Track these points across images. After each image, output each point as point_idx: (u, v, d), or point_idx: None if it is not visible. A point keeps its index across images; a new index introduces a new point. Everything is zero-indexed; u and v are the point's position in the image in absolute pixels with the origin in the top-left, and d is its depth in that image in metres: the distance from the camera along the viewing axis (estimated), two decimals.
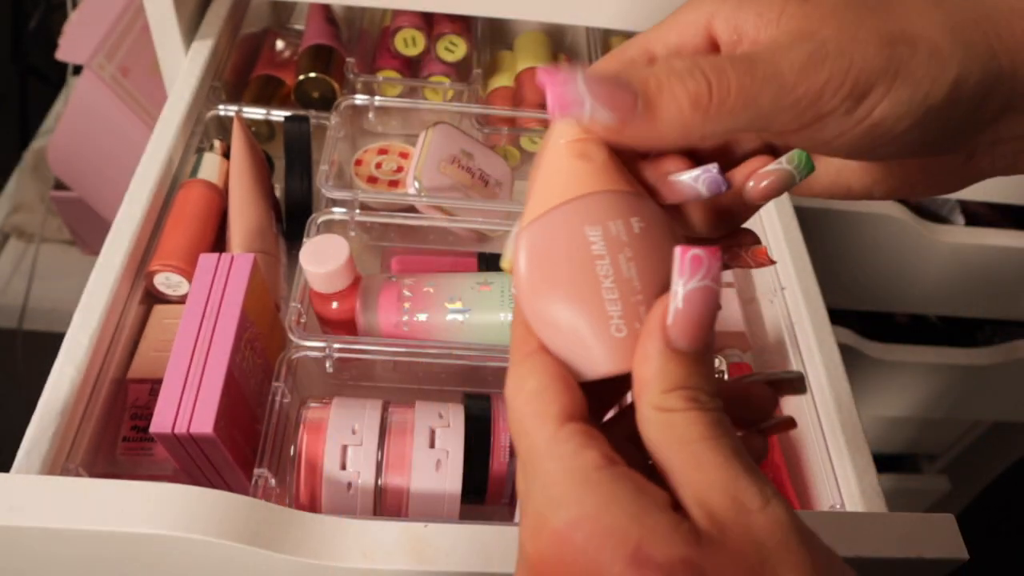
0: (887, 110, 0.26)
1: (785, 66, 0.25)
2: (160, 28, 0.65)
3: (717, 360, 0.59)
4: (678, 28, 0.29)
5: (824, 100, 0.26)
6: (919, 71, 0.26)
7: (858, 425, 0.51)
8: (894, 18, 0.26)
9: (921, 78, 0.26)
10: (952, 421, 1.27)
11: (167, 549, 0.40)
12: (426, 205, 0.61)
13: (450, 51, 0.74)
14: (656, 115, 0.25)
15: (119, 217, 0.54)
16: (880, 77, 0.26)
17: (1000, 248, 0.86)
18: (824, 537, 0.42)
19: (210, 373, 0.45)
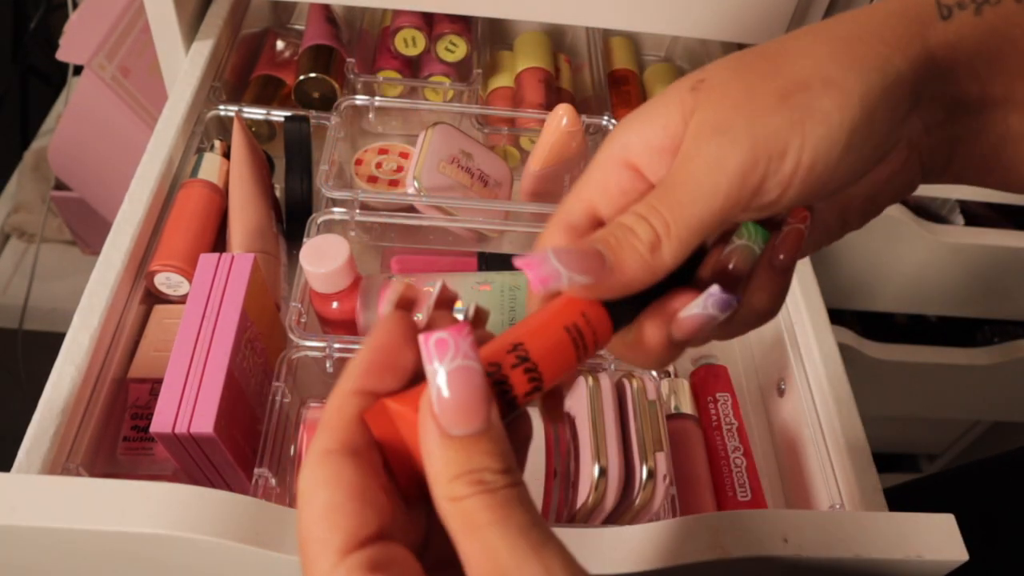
0: (813, 154, 0.27)
1: (701, 176, 0.27)
2: (160, 28, 0.65)
3: None
4: (603, 171, 0.31)
5: (751, 182, 0.27)
6: (826, 108, 0.27)
7: (858, 425, 0.51)
8: (783, 72, 0.27)
9: (828, 110, 0.27)
10: (952, 421, 1.27)
11: (167, 549, 0.40)
12: (426, 205, 0.61)
13: (450, 51, 0.74)
14: (624, 267, 0.28)
15: (119, 217, 0.54)
16: (790, 132, 0.27)
17: (1000, 248, 0.86)
18: (824, 537, 0.42)
19: (210, 373, 0.45)
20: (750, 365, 0.64)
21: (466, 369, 0.24)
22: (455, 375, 0.23)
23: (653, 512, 0.47)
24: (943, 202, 0.91)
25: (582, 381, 0.49)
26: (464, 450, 0.23)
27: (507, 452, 0.24)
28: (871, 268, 0.89)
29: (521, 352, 0.27)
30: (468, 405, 0.23)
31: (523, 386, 0.27)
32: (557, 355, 0.28)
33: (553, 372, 0.27)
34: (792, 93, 0.27)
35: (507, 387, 0.26)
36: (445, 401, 0.23)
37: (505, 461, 0.24)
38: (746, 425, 0.58)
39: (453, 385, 0.23)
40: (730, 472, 0.54)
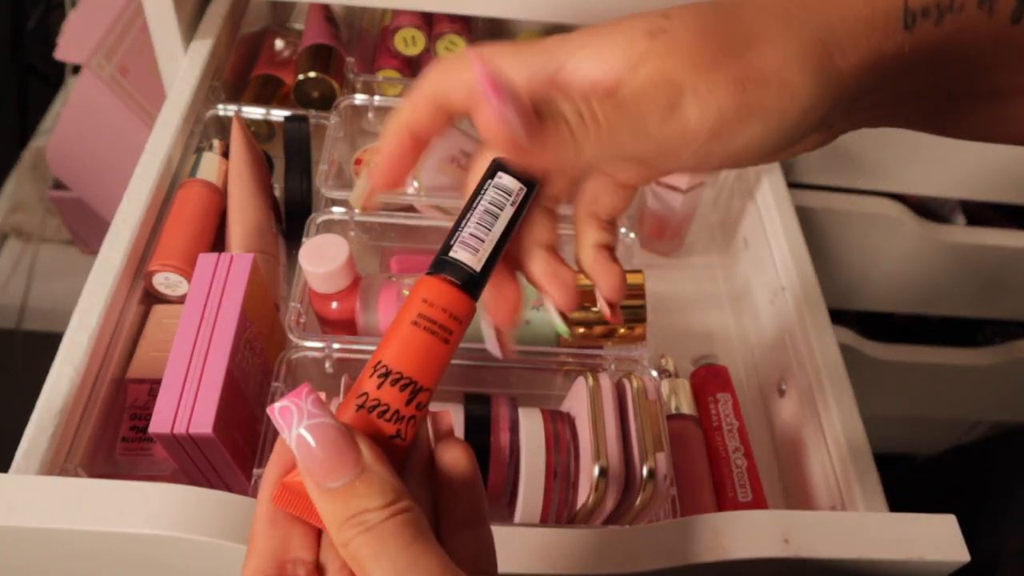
0: (742, 143, 0.28)
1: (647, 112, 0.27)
2: (159, 27, 0.65)
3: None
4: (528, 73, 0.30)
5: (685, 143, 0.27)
6: (772, 107, 0.27)
7: (859, 425, 0.51)
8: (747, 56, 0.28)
9: (773, 112, 0.27)
10: (952, 421, 1.27)
11: (166, 549, 0.40)
12: (426, 205, 0.61)
13: (450, 51, 0.74)
14: (547, 134, 0.27)
15: (118, 217, 0.54)
16: (734, 117, 0.27)
17: (1000, 248, 0.86)
18: (825, 538, 0.42)
19: (209, 373, 0.45)
20: (750, 365, 0.64)
21: (315, 427, 0.25)
22: (303, 439, 0.25)
23: (653, 513, 0.47)
24: (944, 202, 0.91)
25: (582, 381, 0.49)
26: (342, 499, 0.25)
27: (388, 486, 0.25)
28: (872, 268, 0.89)
29: (381, 369, 0.28)
30: (330, 459, 0.25)
31: (399, 398, 0.27)
32: (417, 351, 0.28)
33: (422, 368, 0.28)
34: (752, 83, 0.27)
35: (382, 407, 0.27)
36: (308, 462, 0.25)
37: (384, 496, 0.25)
38: (746, 425, 0.58)
39: (306, 449, 0.25)
40: (730, 472, 0.54)
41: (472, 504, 0.29)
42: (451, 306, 0.28)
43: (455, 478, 0.29)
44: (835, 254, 0.87)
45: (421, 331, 0.28)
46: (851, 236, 0.85)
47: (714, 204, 0.73)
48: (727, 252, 0.71)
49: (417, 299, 0.28)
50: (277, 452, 0.28)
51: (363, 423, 0.27)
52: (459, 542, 0.28)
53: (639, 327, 0.54)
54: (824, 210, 0.81)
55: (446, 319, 0.28)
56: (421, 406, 0.28)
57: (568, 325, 0.34)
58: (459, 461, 0.29)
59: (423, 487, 0.28)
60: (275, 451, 0.28)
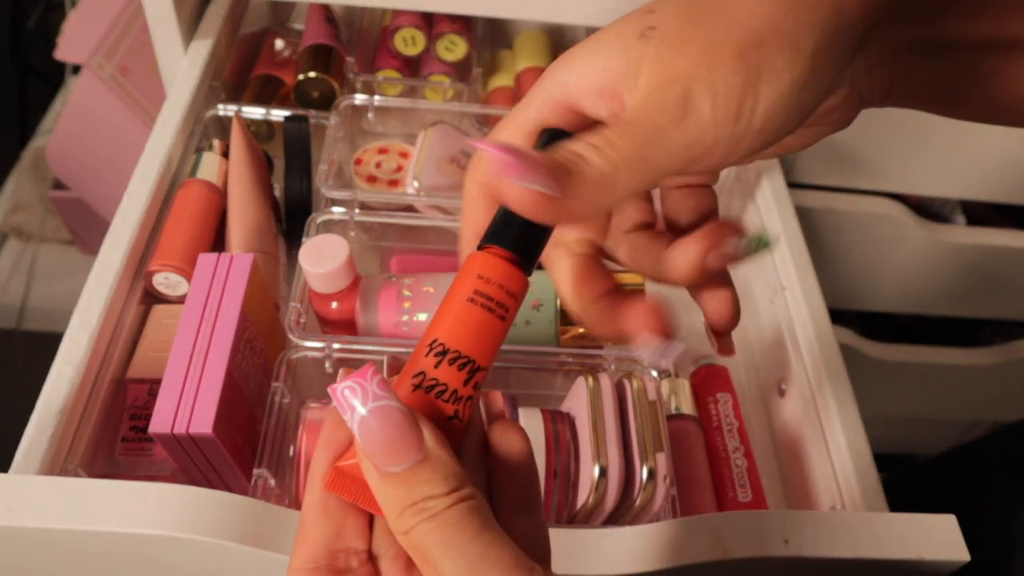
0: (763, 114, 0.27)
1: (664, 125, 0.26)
2: (159, 27, 0.65)
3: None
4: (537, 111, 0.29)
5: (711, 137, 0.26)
6: (778, 66, 0.26)
7: (859, 425, 0.51)
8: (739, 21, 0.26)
9: (782, 70, 0.26)
10: (952, 421, 1.27)
11: (166, 549, 0.40)
12: (426, 205, 0.61)
13: (450, 51, 0.74)
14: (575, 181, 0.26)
15: (118, 217, 0.54)
16: (745, 91, 0.26)
17: (1000, 248, 0.86)
18: (825, 538, 0.42)
19: (209, 373, 0.45)
20: (750, 365, 0.64)
21: (380, 409, 0.24)
22: (370, 419, 0.24)
23: (653, 512, 0.47)
24: (944, 202, 0.91)
25: (582, 381, 0.49)
26: (404, 484, 0.24)
27: (450, 472, 0.25)
28: (871, 268, 0.89)
29: (437, 348, 0.27)
30: (393, 443, 0.24)
31: (457, 377, 0.27)
32: (474, 329, 0.27)
33: (479, 346, 0.27)
34: (749, 49, 0.26)
35: (440, 387, 0.26)
36: (370, 445, 0.24)
37: (448, 483, 0.24)
38: (746, 425, 0.58)
39: (372, 429, 0.24)
40: (730, 472, 0.54)
41: (527, 487, 0.28)
42: (507, 282, 0.28)
43: (511, 461, 0.28)
44: (835, 254, 0.87)
45: (478, 308, 0.27)
46: (851, 236, 0.85)
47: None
48: None
49: (472, 275, 0.27)
50: (327, 437, 0.27)
51: (421, 403, 0.26)
52: (515, 526, 0.27)
53: None
54: (824, 210, 0.81)
55: (503, 295, 0.27)
56: (478, 386, 0.27)
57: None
58: (515, 444, 0.28)
59: (478, 471, 0.28)
60: (324, 436, 0.27)
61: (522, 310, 0.54)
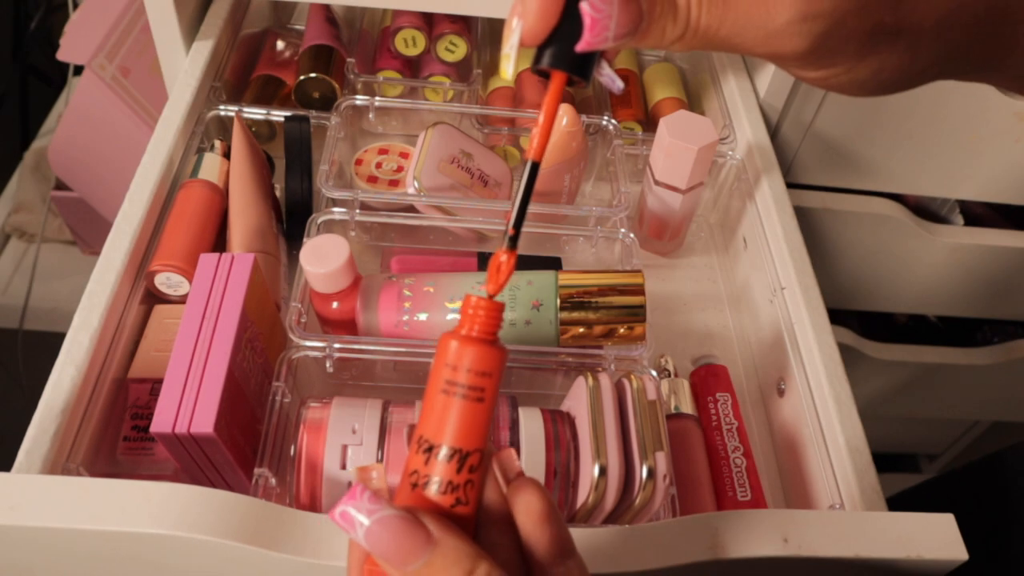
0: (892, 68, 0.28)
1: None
2: (160, 28, 0.65)
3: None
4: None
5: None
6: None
7: (858, 425, 0.51)
8: None
9: None
10: (952, 421, 1.27)
11: (168, 549, 0.40)
12: (426, 205, 0.61)
13: (450, 51, 0.74)
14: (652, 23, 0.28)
15: (120, 217, 0.54)
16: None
17: (999, 248, 0.86)
18: (824, 537, 0.42)
19: (210, 373, 0.45)
20: (750, 365, 0.64)
21: (378, 523, 0.26)
22: (372, 533, 0.26)
23: (653, 512, 0.47)
24: (943, 202, 0.91)
25: (582, 381, 0.49)
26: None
27: (463, 554, 0.26)
28: (871, 268, 0.89)
29: (425, 444, 0.27)
30: (402, 545, 0.26)
31: (448, 468, 0.27)
32: (452, 419, 0.27)
33: (463, 434, 0.27)
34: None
35: (436, 481, 0.27)
36: (383, 553, 0.26)
37: (464, 565, 0.26)
38: (746, 425, 0.58)
39: (377, 541, 0.26)
40: (730, 472, 0.54)
41: (556, 539, 0.28)
42: (478, 364, 0.28)
43: (532, 520, 0.28)
44: (834, 254, 0.87)
45: (452, 398, 0.27)
46: (850, 236, 0.85)
47: (714, 204, 0.73)
48: (726, 252, 0.71)
49: (441, 363, 0.28)
50: (351, 550, 0.29)
51: (422, 501, 0.27)
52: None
53: (639, 327, 0.55)
54: (823, 210, 0.81)
55: (475, 379, 0.28)
56: (474, 468, 0.28)
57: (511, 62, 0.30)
58: (532, 503, 0.29)
59: (504, 533, 0.28)
60: (350, 548, 0.29)
61: (522, 310, 0.54)
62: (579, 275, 0.55)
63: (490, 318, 0.28)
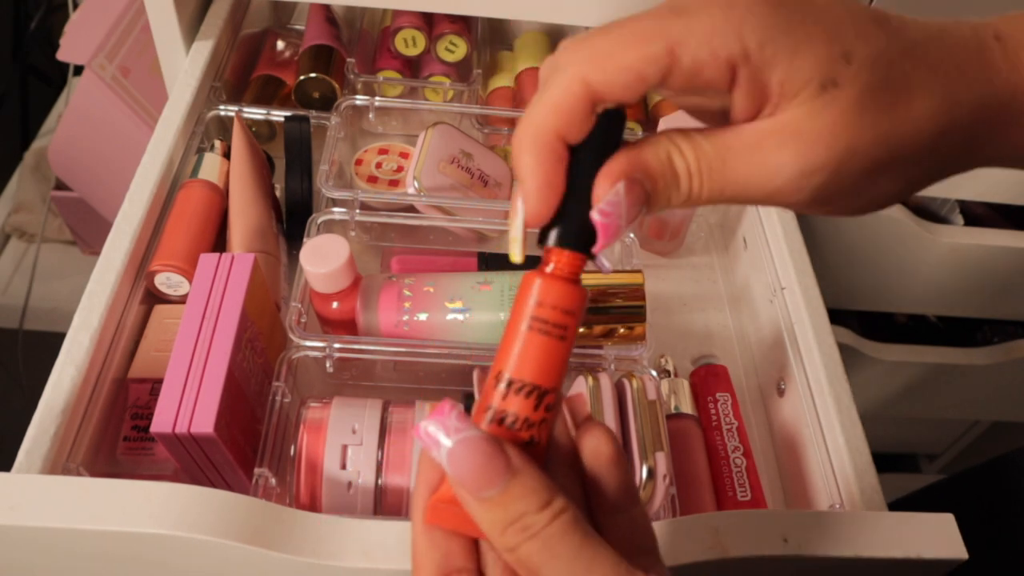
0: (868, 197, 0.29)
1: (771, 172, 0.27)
2: (161, 28, 0.65)
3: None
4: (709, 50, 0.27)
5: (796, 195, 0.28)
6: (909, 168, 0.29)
7: (858, 425, 0.51)
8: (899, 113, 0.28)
9: (908, 170, 0.29)
10: (952, 421, 1.27)
11: (168, 548, 0.40)
12: (426, 205, 0.61)
13: (450, 51, 0.74)
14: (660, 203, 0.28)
15: (120, 217, 0.54)
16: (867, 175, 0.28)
17: (999, 248, 0.86)
18: (824, 537, 0.42)
19: (210, 373, 0.45)
20: (750, 365, 0.64)
21: (463, 442, 0.26)
22: (456, 452, 0.25)
23: (653, 512, 0.47)
24: (943, 202, 0.91)
25: (582, 381, 0.49)
26: (500, 506, 0.25)
27: (540, 486, 0.26)
28: (871, 268, 0.89)
29: (503, 380, 0.27)
30: (482, 470, 0.25)
31: (526, 405, 0.27)
32: (534, 355, 0.27)
33: (544, 371, 0.27)
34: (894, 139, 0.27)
35: (511, 418, 0.27)
36: (460, 475, 0.25)
37: (541, 496, 0.25)
38: (746, 425, 0.58)
39: (460, 461, 0.25)
40: (730, 472, 0.54)
41: (620, 486, 0.28)
42: (563, 301, 0.28)
43: (600, 463, 0.28)
44: (835, 254, 0.87)
45: (536, 334, 0.27)
46: (850, 236, 0.85)
47: (714, 204, 0.73)
48: (726, 252, 0.71)
49: (526, 300, 0.28)
50: (421, 473, 0.28)
51: (497, 434, 0.27)
52: (615, 526, 0.28)
53: (639, 327, 0.55)
54: None
55: (559, 316, 0.28)
56: (550, 407, 0.28)
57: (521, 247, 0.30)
58: (600, 445, 0.29)
59: (569, 477, 0.28)
60: (419, 473, 0.28)
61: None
62: None
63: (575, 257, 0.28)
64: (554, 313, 0.28)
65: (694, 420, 0.56)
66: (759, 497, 0.53)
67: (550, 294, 0.28)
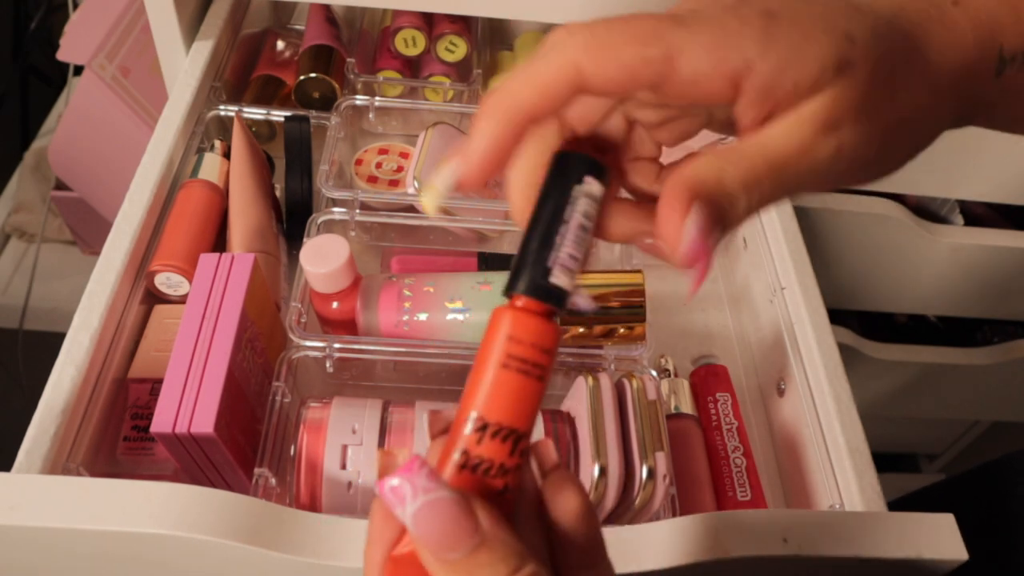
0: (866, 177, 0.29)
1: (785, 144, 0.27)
2: (161, 28, 0.65)
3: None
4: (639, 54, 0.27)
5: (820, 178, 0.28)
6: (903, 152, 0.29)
7: (858, 425, 0.51)
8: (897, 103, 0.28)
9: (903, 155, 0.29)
10: (952, 421, 1.27)
11: (168, 548, 0.40)
12: None
13: (450, 51, 0.74)
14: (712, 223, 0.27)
15: (120, 217, 0.54)
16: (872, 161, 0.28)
17: (999, 248, 0.86)
18: (823, 537, 0.42)
19: (210, 373, 0.45)
20: (750, 365, 0.64)
21: (429, 504, 0.24)
22: (422, 514, 0.24)
23: (653, 512, 0.47)
24: (943, 202, 0.91)
25: (582, 381, 0.49)
26: (465, 571, 0.24)
27: (510, 551, 0.24)
28: (871, 268, 0.89)
29: (478, 423, 0.25)
30: (448, 533, 0.24)
31: (502, 450, 0.26)
32: (512, 397, 0.26)
33: (520, 414, 0.26)
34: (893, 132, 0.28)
35: (486, 464, 0.25)
36: (425, 538, 0.24)
37: (509, 562, 0.24)
38: (746, 425, 0.58)
39: (425, 523, 0.24)
40: (730, 472, 0.54)
41: (589, 542, 0.27)
42: (541, 339, 0.26)
43: (569, 518, 0.27)
44: (835, 254, 0.87)
45: (513, 373, 0.26)
46: (850, 236, 0.85)
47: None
48: (727, 252, 0.71)
49: (501, 336, 0.26)
50: (377, 532, 0.26)
51: (469, 483, 0.26)
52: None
53: (639, 327, 0.55)
54: (823, 210, 0.81)
55: (537, 355, 0.26)
56: (524, 452, 0.26)
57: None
58: (571, 501, 0.27)
59: (535, 530, 0.27)
60: (373, 528, 0.26)
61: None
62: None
63: None
64: (532, 351, 0.26)
65: (694, 420, 0.56)
66: (759, 497, 0.53)
67: (527, 331, 0.26)
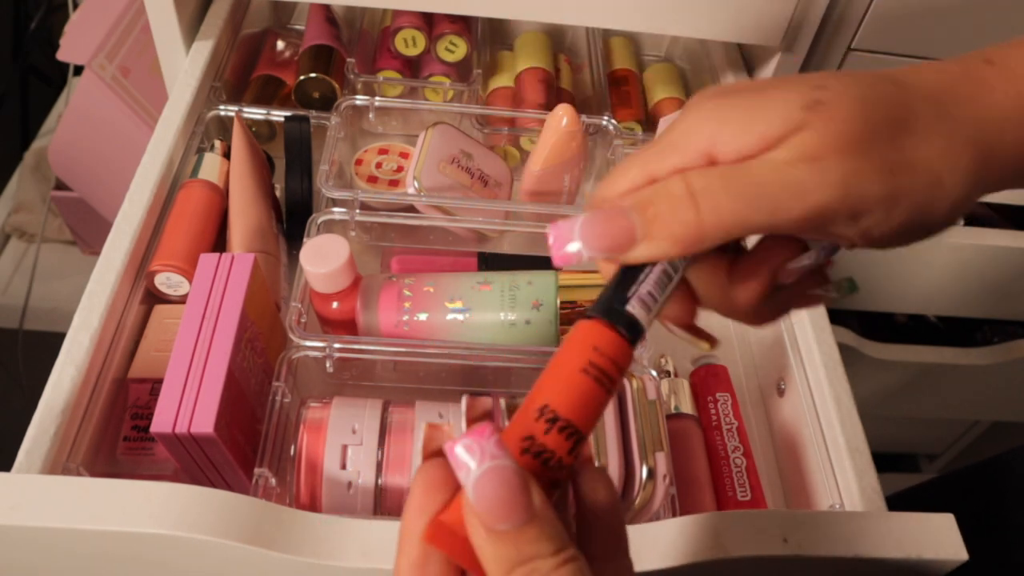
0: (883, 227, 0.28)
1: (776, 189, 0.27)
2: (161, 28, 0.65)
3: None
4: (679, 153, 0.29)
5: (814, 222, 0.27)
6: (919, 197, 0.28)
7: (858, 425, 0.51)
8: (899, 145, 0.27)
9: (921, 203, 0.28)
10: (952, 421, 1.27)
11: (168, 548, 0.40)
12: (426, 205, 0.61)
13: (450, 51, 0.74)
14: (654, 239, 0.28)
15: (120, 217, 0.54)
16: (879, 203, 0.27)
17: (1000, 248, 0.86)
18: (823, 537, 0.42)
19: (210, 373, 0.45)
20: (750, 365, 0.64)
21: (495, 469, 0.24)
22: (486, 478, 0.24)
23: (653, 512, 0.47)
24: None
25: None
26: (512, 543, 0.24)
27: (556, 532, 0.25)
28: (871, 268, 0.89)
29: (549, 414, 0.27)
30: (505, 503, 0.24)
31: (564, 446, 0.27)
32: (585, 401, 0.28)
33: (587, 417, 0.28)
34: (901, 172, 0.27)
35: (548, 454, 0.27)
36: (483, 503, 0.24)
37: (554, 543, 0.25)
38: (746, 425, 0.58)
39: (486, 488, 0.24)
40: (730, 472, 0.54)
41: (613, 535, 0.28)
42: (620, 358, 0.28)
43: (596, 509, 0.28)
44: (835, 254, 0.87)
45: (591, 380, 0.28)
46: None
47: None
48: None
49: (588, 346, 0.28)
50: (418, 499, 0.26)
51: (528, 467, 0.27)
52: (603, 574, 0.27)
53: None
54: None
55: (613, 369, 0.28)
56: (577, 456, 0.28)
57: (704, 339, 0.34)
58: (601, 492, 0.28)
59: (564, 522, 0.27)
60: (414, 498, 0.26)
61: (522, 310, 0.54)
62: (579, 275, 0.55)
63: None
64: (610, 365, 0.28)
65: (694, 420, 0.56)
66: (759, 497, 0.53)
67: (612, 347, 0.28)
